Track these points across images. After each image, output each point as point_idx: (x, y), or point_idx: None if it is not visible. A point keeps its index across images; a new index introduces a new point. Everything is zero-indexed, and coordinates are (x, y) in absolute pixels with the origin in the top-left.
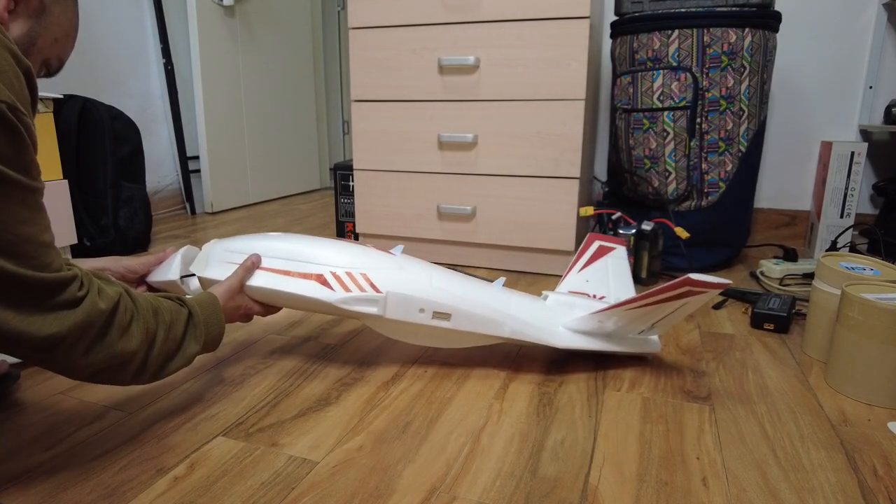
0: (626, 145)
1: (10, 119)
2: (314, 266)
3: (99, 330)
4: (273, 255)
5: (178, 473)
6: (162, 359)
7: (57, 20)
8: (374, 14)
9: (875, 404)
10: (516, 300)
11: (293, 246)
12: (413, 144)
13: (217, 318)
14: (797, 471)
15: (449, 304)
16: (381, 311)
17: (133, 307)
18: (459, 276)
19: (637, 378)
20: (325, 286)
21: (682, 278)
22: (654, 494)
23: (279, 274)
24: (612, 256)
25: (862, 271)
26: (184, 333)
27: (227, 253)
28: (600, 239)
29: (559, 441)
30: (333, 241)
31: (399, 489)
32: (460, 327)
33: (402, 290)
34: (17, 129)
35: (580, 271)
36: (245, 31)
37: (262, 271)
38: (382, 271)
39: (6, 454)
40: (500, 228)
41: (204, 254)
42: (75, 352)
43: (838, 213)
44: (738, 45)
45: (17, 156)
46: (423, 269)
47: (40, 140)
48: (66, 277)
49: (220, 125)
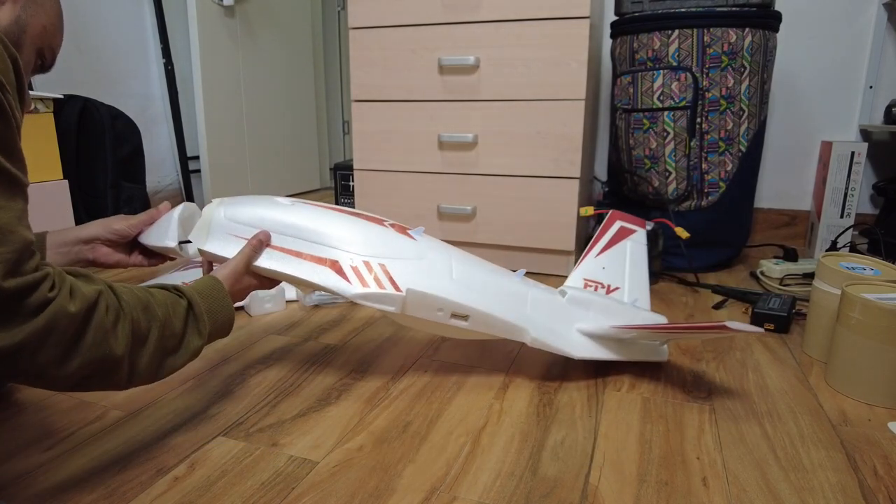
0: (627, 145)
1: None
2: (329, 249)
3: (72, 336)
4: (283, 231)
5: (178, 473)
6: (159, 357)
7: (43, 7)
8: (374, 14)
9: (875, 404)
10: (534, 296)
11: (306, 221)
12: (413, 144)
13: (222, 305)
14: (797, 471)
15: (468, 306)
16: (399, 310)
17: (118, 305)
18: (479, 263)
19: (637, 378)
20: (340, 276)
21: (720, 325)
22: (654, 494)
23: (290, 255)
24: (631, 240)
25: (862, 271)
26: (184, 327)
27: (232, 224)
28: (622, 219)
29: (559, 441)
30: (349, 217)
31: (399, 489)
32: (477, 328)
33: (422, 287)
34: (3, 104)
35: (598, 255)
36: (245, 31)
37: (271, 250)
38: (402, 262)
39: (6, 454)
40: (500, 228)
41: (205, 221)
42: (42, 361)
43: (838, 212)
44: (739, 45)
45: (3, 133)
46: (443, 257)
47: (40, 140)
48: (37, 279)
49: (220, 125)
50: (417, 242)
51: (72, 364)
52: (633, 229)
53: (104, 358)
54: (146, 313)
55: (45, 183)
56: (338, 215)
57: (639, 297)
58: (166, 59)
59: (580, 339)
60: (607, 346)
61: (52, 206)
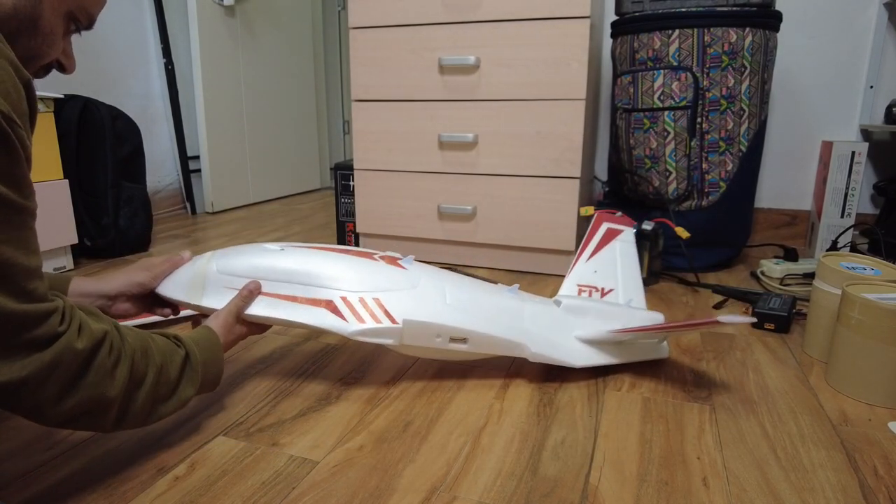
0: (627, 145)
1: (5, 129)
2: (322, 290)
3: (74, 373)
4: (276, 277)
5: (178, 473)
6: (150, 403)
7: None
8: (375, 14)
9: (875, 404)
10: (530, 310)
11: (297, 265)
12: (413, 144)
13: (216, 358)
14: (798, 470)
15: (465, 329)
16: (398, 342)
17: (121, 346)
18: (471, 284)
19: (637, 378)
20: (336, 315)
21: (713, 320)
22: (654, 494)
23: (285, 300)
24: (619, 241)
25: (862, 271)
26: (179, 376)
27: (226, 277)
28: (609, 220)
29: (560, 441)
30: (339, 255)
31: (399, 489)
32: (477, 349)
33: (418, 316)
34: (11, 139)
35: (588, 260)
36: (245, 31)
37: (265, 297)
38: (396, 294)
39: (6, 454)
40: (500, 228)
41: (199, 276)
42: (43, 396)
43: (839, 212)
44: (739, 44)
45: (8, 168)
46: (436, 283)
47: (41, 140)
48: (48, 309)
49: (220, 125)
50: (408, 272)
51: (68, 402)
52: (621, 229)
53: (98, 399)
54: (145, 358)
55: (46, 183)
56: (327, 255)
57: (633, 296)
58: (167, 59)
59: (580, 348)
60: (607, 350)
61: (52, 206)
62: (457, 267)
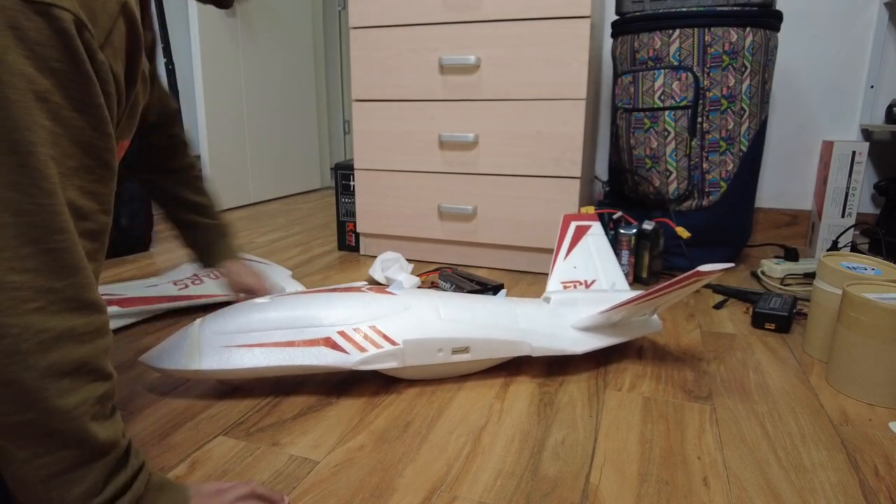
0: (627, 145)
1: (73, 42)
2: (317, 329)
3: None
4: (270, 327)
5: (178, 473)
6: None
7: None
8: (375, 14)
9: (876, 404)
10: (522, 310)
11: (288, 311)
12: (414, 144)
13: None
14: (798, 470)
15: (465, 338)
16: (402, 363)
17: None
18: (461, 297)
19: (638, 378)
20: (336, 350)
21: (693, 272)
22: (654, 494)
23: (282, 347)
24: (590, 235)
25: (863, 271)
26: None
27: (221, 336)
28: (575, 219)
29: (560, 441)
30: (328, 294)
31: (400, 488)
32: (480, 356)
33: (417, 334)
34: (80, 57)
35: (566, 258)
36: (246, 31)
37: (264, 348)
38: (390, 318)
39: None
40: (500, 228)
41: (193, 343)
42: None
43: (839, 212)
44: (740, 44)
45: (77, 93)
46: (428, 303)
47: None
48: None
49: (220, 125)
50: (398, 297)
51: None
52: (588, 225)
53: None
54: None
55: None
56: (317, 296)
57: (616, 280)
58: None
59: (577, 335)
60: (604, 332)
61: None
62: (457, 268)
